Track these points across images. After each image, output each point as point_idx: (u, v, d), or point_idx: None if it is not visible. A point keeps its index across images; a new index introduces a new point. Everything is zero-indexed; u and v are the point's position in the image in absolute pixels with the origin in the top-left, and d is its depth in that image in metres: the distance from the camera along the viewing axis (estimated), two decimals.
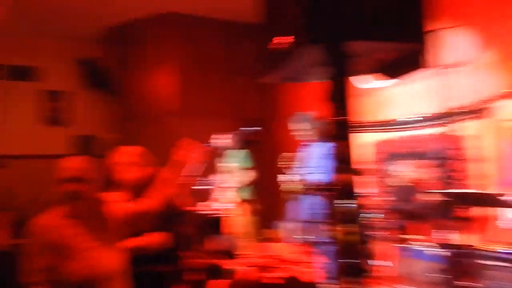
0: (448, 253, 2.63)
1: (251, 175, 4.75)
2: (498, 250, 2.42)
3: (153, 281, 2.26)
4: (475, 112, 3.19)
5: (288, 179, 4.01)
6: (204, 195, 5.09)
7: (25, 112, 6.73)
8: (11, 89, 6.61)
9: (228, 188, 4.73)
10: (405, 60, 1.39)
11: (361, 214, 1.18)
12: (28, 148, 6.41)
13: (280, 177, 4.14)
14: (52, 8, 5.66)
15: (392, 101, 4.33)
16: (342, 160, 1.12)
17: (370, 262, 2.77)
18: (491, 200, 2.66)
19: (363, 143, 4.27)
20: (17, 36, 6.36)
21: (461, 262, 2.55)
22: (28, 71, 6.77)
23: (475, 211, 2.82)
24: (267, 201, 6.03)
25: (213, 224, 4.77)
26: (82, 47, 6.88)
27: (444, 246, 2.68)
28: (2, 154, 6.21)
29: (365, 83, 3.82)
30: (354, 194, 1.10)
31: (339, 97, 1.16)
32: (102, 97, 7.07)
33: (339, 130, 1.13)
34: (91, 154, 5.59)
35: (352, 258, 1.10)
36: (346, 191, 1.10)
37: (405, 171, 3.77)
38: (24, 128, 6.65)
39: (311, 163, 3.91)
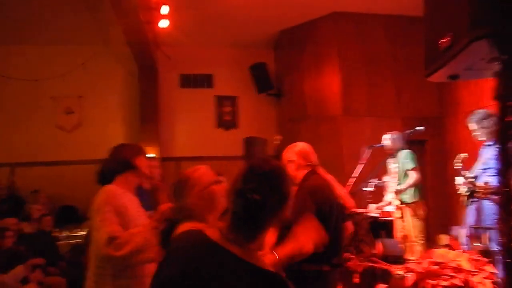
0: None
1: (414, 176, 4.63)
2: None
3: (304, 280, 2.37)
4: None
5: (464, 182, 3.86)
6: (375, 197, 5.19)
7: (201, 116, 7.85)
8: (190, 96, 7.78)
9: (393, 190, 4.71)
10: None
11: None
12: (204, 150, 7.46)
13: (456, 180, 3.98)
14: (225, 18, 6.48)
15: None
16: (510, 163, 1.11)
17: None
18: None
19: None
20: (194, 47, 7.49)
21: None
22: (204, 79, 7.89)
23: None
24: (438, 204, 5.80)
25: (383, 227, 4.84)
26: (252, 53, 7.65)
27: None
28: (183, 156, 7.41)
29: None
30: None
31: (507, 95, 1.15)
32: (268, 99, 7.77)
33: (506, 130, 1.13)
34: (258, 155, 6.24)
35: None
36: None
37: None
38: (203, 131, 7.79)
39: (485, 164, 3.69)
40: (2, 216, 5.54)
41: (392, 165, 4.88)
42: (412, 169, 4.63)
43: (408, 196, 4.67)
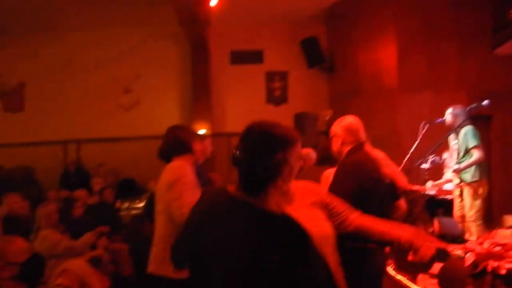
0: None
1: (477, 155, 4.32)
2: None
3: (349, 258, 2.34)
4: None
5: None
6: (433, 175, 5.00)
7: (252, 92, 7.84)
8: (240, 72, 7.79)
9: (453, 168, 4.45)
10: None
11: None
12: None
13: None
14: None
15: None
16: None
17: None
18: None
19: None
20: (244, 23, 7.42)
21: None
22: (254, 55, 7.84)
23: None
24: (503, 184, 5.47)
25: (440, 205, 4.64)
26: (303, 27, 7.48)
27: None
28: (234, 132, 7.50)
29: None
30: None
31: None
32: (320, 74, 7.62)
33: None
34: (308, 131, 6.20)
35: None
36: None
37: None
38: (253, 107, 7.81)
39: None
40: (70, 188, 5.94)
41: (453, 142, 4.60)
42: (475, 147, 4.33)
43: (469, 175, 4.38)
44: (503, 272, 1.94)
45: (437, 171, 5.05)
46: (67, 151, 7.66)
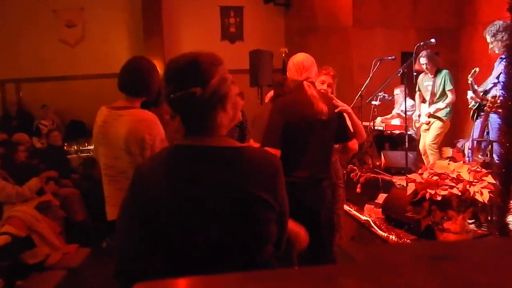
0: None
1: (451, 97, 4.65)
2: None
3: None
4: None
5: (471, 96, 3.90)
6: (383, 110, 5.23)
7: (206, 29, 7.57)
8: (194, 6, 7.44)
9: (437, 106, 4.72)
10: None
11: None
12: None
13: (468, 93, 3.98)
14: None
15: None
16: None
17: None
18: None
19: None
20: None
21: None
22: None
23: None
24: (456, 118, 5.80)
25: (387, 140, 4.97)
26: None
27: None
28: None
29: None
30: None
31: None
32: (276, 10, 7.44)
33: None
34: (264, 68, 6.15)
35: None
36: None
37: None
38: (207, 44, 7.60)
39: (497, 78, 3.64)
40: (12, 132, 5.69)
41: (426, 82, 4.82)
42: (450, 90, 4.66)
43: (443, 112, 4.74)
44: (438, 198, 2.13)
45: (386, 108, 5.28)
46: (6, 92, 7.21)
